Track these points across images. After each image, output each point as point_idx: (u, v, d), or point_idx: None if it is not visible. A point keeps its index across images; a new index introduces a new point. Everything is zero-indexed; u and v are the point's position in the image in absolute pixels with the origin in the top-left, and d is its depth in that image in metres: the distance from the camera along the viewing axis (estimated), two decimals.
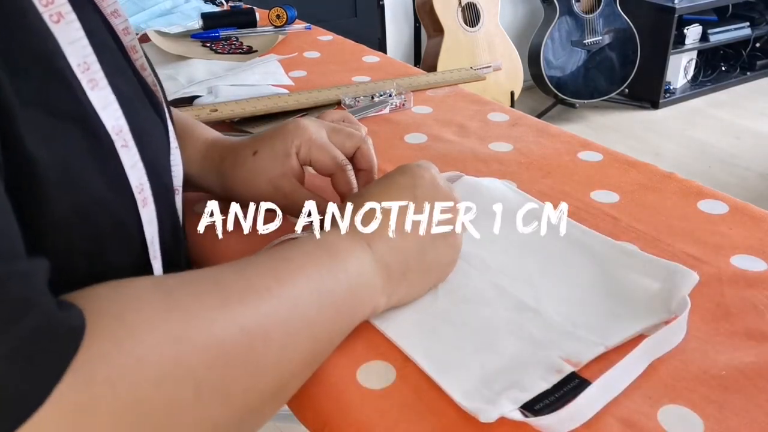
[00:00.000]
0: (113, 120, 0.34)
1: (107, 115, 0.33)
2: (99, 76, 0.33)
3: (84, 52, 0.32)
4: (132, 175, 0.35)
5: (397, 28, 2.85)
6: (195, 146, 0.57)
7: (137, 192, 0.36)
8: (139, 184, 0.36)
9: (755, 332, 0.42)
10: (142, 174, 0.36)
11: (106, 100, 0.34)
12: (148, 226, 0.37)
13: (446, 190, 0.46)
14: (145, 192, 0.36)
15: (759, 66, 3.20)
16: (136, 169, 0.35)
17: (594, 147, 0.67)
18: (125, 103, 0.36)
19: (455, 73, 0.89)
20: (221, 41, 1.06)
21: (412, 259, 0.43)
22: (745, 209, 0.55)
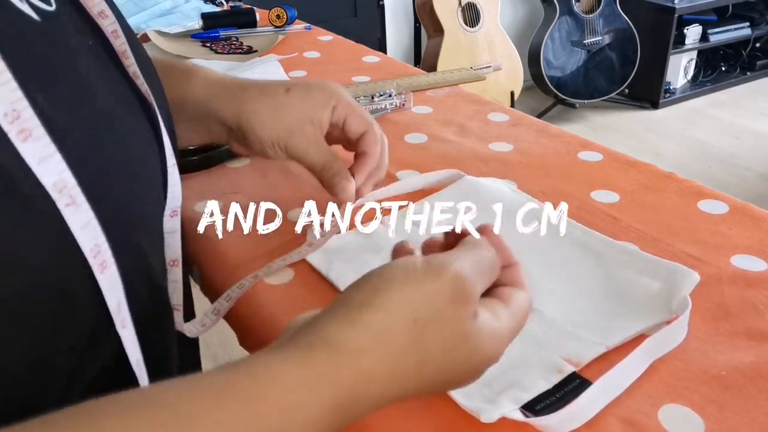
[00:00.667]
0: (54, 174, 0.27)
1: (45, 170, 0.27)
2: (32, 123, 0.27)
3: (12, 97, 0.26)
4: (83, 237, 0.29)
5: (397, 28, 2.85)
6: (206, 76, 0.55)
7: (91, 256, 0.29)
8: (94, 246, 0.29)
9: (755, 332, 0.42)
10: (98, 233, 0.29)
11: (43, 151, 0.27)
12: (110, 292, 0.30)
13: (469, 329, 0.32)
14: (104, 254, 0.30)
15: (759, 66, 3.20)
16: (89, 229, 0.29)
17: (594, 147, 0.67)
18: (86, 140, 0.30)
19: (455, 73, 0.89)
20: (221, 41, 1.06)
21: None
22: (745, 209, 0.55)
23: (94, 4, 0.36)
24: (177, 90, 0.53)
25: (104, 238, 0.30)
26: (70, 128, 0.30)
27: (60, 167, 0.28)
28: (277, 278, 0.49)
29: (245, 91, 0.52)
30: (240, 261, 0.51)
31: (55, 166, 0.28)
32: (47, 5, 0.32)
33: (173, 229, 0.43)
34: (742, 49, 3.18)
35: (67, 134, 0.29)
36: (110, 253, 0.30)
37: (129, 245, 0.33)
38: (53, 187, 0.28)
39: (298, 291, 0.48)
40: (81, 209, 0.29)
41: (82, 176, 0.29)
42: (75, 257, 0.29)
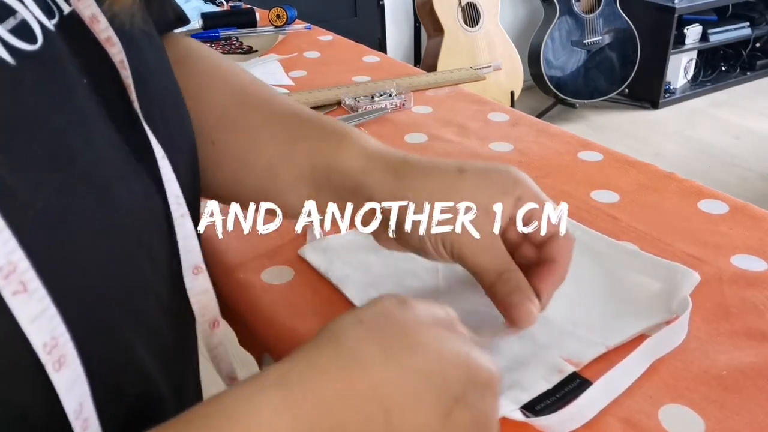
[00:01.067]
0: (0, 256, 0.23)
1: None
2: None
3: None
4: (34, 332, 0.24)
5: (397, 28, 2.85)
6: (362, 139, 0.44)
7: (45, 353, 0.24)
8: (50, 339, 0.24)
9: (756, 332, 0.42)
10: (56, 324, 0.25)
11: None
12: (69, 393, 0.25)
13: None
14: (62, 347, 0.25)
15: (759, 66, 3.20)
16: (44, 320, 0.24)
17: (594, 147, 0.67)
18: (54, 211, 0.26)
19: (455, 73, 0.89)
20: (221, 41, 1.06)
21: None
22: (745, 209, 0.55)
23: (102, 29, 0.31)
24: (321, 154, 0.43)
25: (64, 329, 0.25)
26: (32, 198, 0.25)
27: (8, 247, 0.23)
28: (277, 278, 0.49)
29: (408, 165, 0.42)
30: (240, 261, 0.51)
31: (1, 246, 0.23)
32: (30, 44, 0.27)
33: (202, 288, 0.37)
34: (742, 49, 3.18)
35: (27, 205, 0.25)
36: (71, 345, 0.25)
37: (106, 327, 0.28)
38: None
39: (298, 291, 0.48)
40: (33, 297, 0.24)
41: (41, 256, 0.24)
42: (24, 357, 0.24)
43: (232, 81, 0.48)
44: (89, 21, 0.30)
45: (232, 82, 0.48)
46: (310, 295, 0.47)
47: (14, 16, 0.27)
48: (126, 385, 0.30)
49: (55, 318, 0.25)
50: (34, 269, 0.24)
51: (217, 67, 0.49)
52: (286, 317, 0.45)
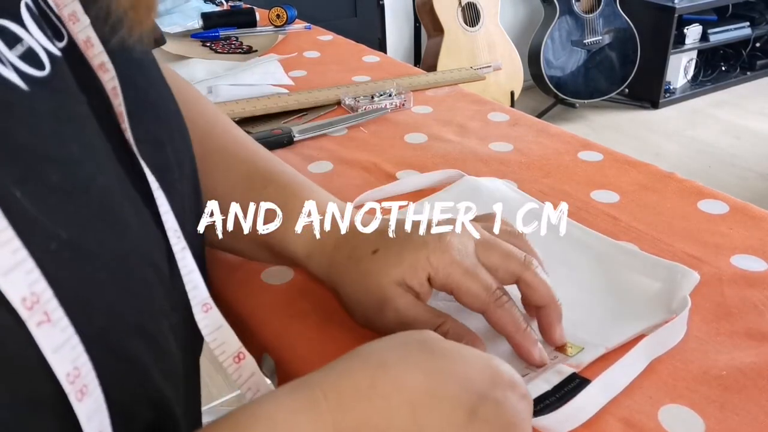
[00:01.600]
0: (25, 288, 0.23)
1: (13, 282, 0.23)
2: (1, 225, 0.23)
3: None
4: (58, 362, 0.24)
5: (397, 28, 2.85)
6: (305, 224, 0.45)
7: (68, 383, 0.24)
8: (73, 369, 0.24)
9: (756, 332, 0.42)
10: (80, 352, 0.25)
11: (12, 258, 0.23)
12: (90, 423, 0.25)
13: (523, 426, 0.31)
14: (84, 377, 0.25)
15: (759, 66, 3.21)
16: (66, 349, 0.24)
17: (594, 147, 0.67)
18: (75, 241, 0.26)
19: (455, 72, 0.89)
20: (221, 41, 1.06)
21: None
22: (745, 209, 0.55)
23: (95, 54, 0.30)
24: (274, 233, 0.46)
25: (86, 358, 0.25)
26: (55, 229, 0.25)
27: (32, 277, 0.23)
28: (277, 278, 0.49)
29: (338, 251, 0.43)
30: (240, 261, 0.51)
31: (24, 276, 0.23)
32: (39, 70, 0.27)
33: (216, 325, 0.36)
34: (742, 48, 3.18)
35: (50, 238, 0.25)
36: (93, 374, 0.26)
37: (125, 355, 0.29)
38: (21, 304, 0.23)
39: (298, 291, 0.48)
40: (56, 327, 0.24)
41: (63, 285, 0.24)
42: (48, 387, 0.24)
43: (199, 121, 0.49)
44: (83, 45, 0.30)
45: (199, 122, 0.49)
46: (310, 295, 0.47)
47: (21, 43, 0.27)
48: (142, 410, 0.30)
49: (78, 347, 0.25)
50: (57, 299, 0.24)
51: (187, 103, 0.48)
52: (286, 317, 0.45)
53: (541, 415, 0.35)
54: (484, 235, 0.42)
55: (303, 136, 0.70)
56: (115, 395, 0.27)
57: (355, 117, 0.74)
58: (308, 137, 0.70)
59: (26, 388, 0.23)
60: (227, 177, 0.47)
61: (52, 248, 0.24)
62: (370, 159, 0.66)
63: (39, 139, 0.25)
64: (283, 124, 0.75)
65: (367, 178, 0.62)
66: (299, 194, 0.46)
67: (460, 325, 0.40)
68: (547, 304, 0.40)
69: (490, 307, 0.39)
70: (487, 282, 0.39)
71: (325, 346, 0.43)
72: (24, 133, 0.25)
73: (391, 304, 0.40)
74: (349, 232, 0.44)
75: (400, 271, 0.40)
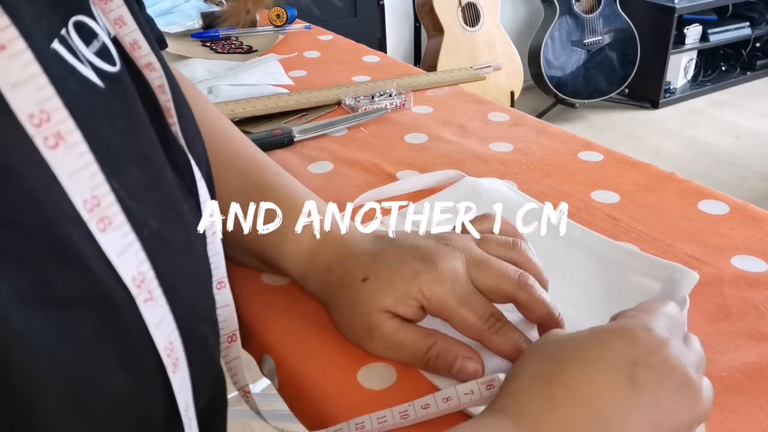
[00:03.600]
0: (134, 267, 0.25)
1: (125, 262, 0.25)
2: (113, 210, 0.24)
3: (92, 182, 0.23)
4: (159, 336, 0.26)
5: (397, 28, 2.85)
6: (299, 242, 0.45)
7: (165, 355, 0.27)
8: (168, 344, 0.27)
9: (756, 333, 0.42)
10: (172, 329, 0.27)
11: (124, 240, 0.25)
12: (180, 393, 0.28)
13: (684, 371, 0.32)
14: (177, 351, 0.27)
15: (759, 66, 3.20)
16: (163, 325, 0.27)
17: (594, 147, 0.67)
18: (159, 228, 0.27)
19: (455, 73, 0.89)
20: (221, 41, 1.06)
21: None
22: (746, 209, 0.55)
23: (142, 55, 0.31)
24: (266, 247, 0.46)
25: (177, 334, 0.27)
26: (145, 217, 0.27)
27: (139, 257, 0.25)
28: (277, 278, 0.49)
29: (330, 273, 0.43)
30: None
31: (134, 256, 0.25)
32: (111, 66, 0.28)
33: (224, 302, 0.39)
34: (742, 48, 3.18)
35: (143, 224, 0.26)
36: (182, 350, 0.28)
37: (198, 338, 0.30)
38: (132, 282, 0.25)
39: (298, 291, 0.48)
40: (157, 304, 0.26)
41: (157, 268, 0.26)
42: (151, 359, 0.26)
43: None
44: (130, 47, 0.31)
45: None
46: (310, 296, 0.47)
47: (97, 39, 0.28)
48: (207, 387, 0.32)
49: (171, 324, 0.27)
50: (157, 279, 0.26)
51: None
52: (286, 317, 0.45)
53: None
54: (477, 255, 0.41)
55: (303, 137, 0.70)
56: (192, 371, 0.29)
57: (356, 117, 0.74)
58: (308, 137, 0.70)
59: (135, 359, 0.26)
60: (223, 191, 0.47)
61: (145, 235, 0.26)
62: (371, 159, 0.65)
63: (118, 136, 0.27)
64: (283, 124, 0.75)
65: (368, 179, 0.62)
66: (292, 209, 0.46)
67: (452, 342, 0.39)
68: (545, 322, 0.40)
69: (485, 335, 0.39)
70: (481, 310, 0.39)
71: (325, 346, 0.43)
72: (105, 129, 0.26)
73: (379, 331, 0.40)
74: (343, 253, 0.44)
75: (391, 301, 0.39)
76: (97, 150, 0.24)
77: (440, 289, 0.39)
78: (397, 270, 0.40)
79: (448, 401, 0.36)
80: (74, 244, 0.23)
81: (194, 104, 0.49)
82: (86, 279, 0.23)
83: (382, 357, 0.41)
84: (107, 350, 0.24)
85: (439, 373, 0.39)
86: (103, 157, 0.24)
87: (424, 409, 0.36)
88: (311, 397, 0.40)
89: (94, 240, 0.24)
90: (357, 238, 0.44)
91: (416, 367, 0.40)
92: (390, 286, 0.40)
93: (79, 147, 0.23)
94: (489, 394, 0.36)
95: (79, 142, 0.23)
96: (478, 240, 0.43)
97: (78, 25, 0.27)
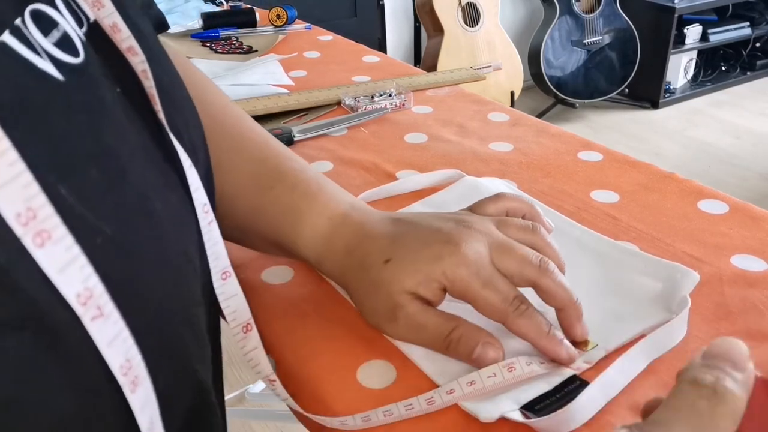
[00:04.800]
0: (79, 283, 0.23)
1: (68, 278, 0.23)
2: (52, 223, 0.22)
3: (26, 193, 0.21)
4: (112, 354, 0.24)
5: (397, 28, 2.85)
6: (315, 227, 0.45)
7: (121, 374, 0.25)
8: (125, 362, 0.25)
9: (756, 332, 0.42)
10: (129, 345, 0.25)
11: (66, 254, 0.23)
12: (142, 412, 0.26)
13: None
14: (136, 368, 0.25)
15: (759, 66, 3.20)
16: (118, 342, 0.24)
17: (594, 147, 0.67)
18: (119, 233, 0.26)
19: (455, 73, 0.89)
20: (221, 41, 1.06)
21: None
22: (746, 209, 0.55)
23: (123, 38, 0.30)
24: (282, 233, 0.46)
25: (137, 349, 0.25)
26: (99, 223, 0.25)
27: (85, 273, 0.23)
28: (277, 278, 0.49)
29: (349, 257, 0.43)
30: (240, 261, 0.51)
31: (77, 272, 0.23)
32: (73, 57, 0.26)
33: (232, 292, 0.38)
34: (742, 48, 3.18)
35: (96, 232, 0.24)
36: (143, 365, 0.26)
37: (172, 347, 0.29)
38: (76, 300, 0.23)
39: (297, 291, 0.48)
40: (109, 321, 0.24)
41: (111, 280, 0.24)
42: (104, 379, 0.24)
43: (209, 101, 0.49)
44: (110, 30, 0.29)
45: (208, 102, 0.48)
46: (310, 295, 0.47)
47: (57, 29, 0.26)
48: (185, 398, 0.30)
49: (128, 340, 0.25)
50: (108, 293, 0.24)
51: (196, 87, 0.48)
52: (286, 317, 0.45)
53: (541, 416, 0.35)
54: (499, 239, 0.41)
55: (303, 136, 0.70)
56: (161, 382, 0.27)
57: (355, 117, 0.74)
58: (308, 137, 0.70)
59: (85, 380, 0.24)
60: (235, 177, 0.47)
61: (98, 243, 0.24)
62: (370, 159, 0.66)
63: (76, 133, 0.25)
64: (283, 124, 0.75)
65: (367, 178, 0.62)
66: (308, 195, 0.46)
67: (473, 327, 0.40)
68: (565, 307, 0.40)
69: (509, 317, 0.39)
70: (505, 292, 0.39)
71: (325, 346, 0.43)
72: (62, 127, 0.24)
73: (401, 312, 0.40)
74: (361, 236, 0.44)
75: (413, 282, 0.40)
76: (46, 152, 0.22)
77: (464, 271, 0.39)
78: (420, 252, 0.40)
79: (473, 385, 0.37)
80: (6, 270, 0.21)
81: (200, 90, 0.48)
82: (15, 301, 0.21)
83: (403, 339, 0.41)
84: (47, 373, 0.23)
85: (459, 357, 0.39)
86: (52, 159, 0.23)
87: (449, 394, 0.37)
88: (311, 396, 0.40)
89: (29, 258, 0.21)
90: (375, 221, 0.44)
91: (437, 350, 0.40)
92: (413, 267, 0.40)
93: (7, 156, 0.21)
94: (511, 377, 0.36)
95: (7, 149, 0.21)
96: (497, 223, 0.43)
97: (35, 14, 0.25)
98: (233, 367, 1.53)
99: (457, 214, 0.44)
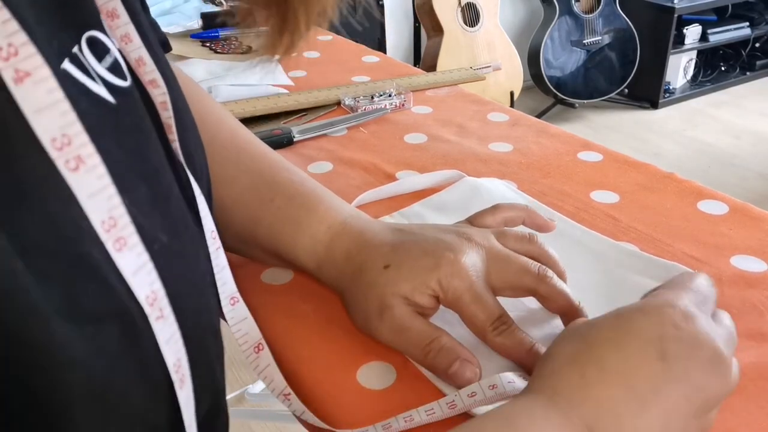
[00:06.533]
0: (147, 286, 0.25)
1: (140, 281, 0.25)
2: (128, 231, 0.24)
3: (110, 204, 0.24)
4: (168, 353, 0.26)
5: (397, 28, 2.84)
6: (315, 235, 0.46)
7: (174, 371, 0.27)
8: (176, 360, 0.27)
9: (755, 333, 0.42)
10: (180, 346, 0.27)
11: (138, 259, 0.25)
12: (186, 409, 0.28)
13: (713, 345, 0.31)
14: (183, 368, 0.28)
15: (759, 66, 3.20)
16: (172, 342, 0.27)
17: (594, 147, 0.67)
18: (169, 244, 0.28)
19: (455, 73, 0.89)
20: (221, 41, 1.06)
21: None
22: (745, 209, 0.55)
23: (147, 71, 0.31)
24: (281, 242, 0.47)
25: (184, 351, 0.28)
26: (155, 233, 0.27)
27: (151, 276, 0.26)
28: (277, 278, 0.49)
29: (348, 262, 0.44)
30: (240, 261, 0.51)
31: (147, 276, 0.25)
32: (123, 81, 0.28)
33: (241, 317, 0.39)
34: (742, 49, 3.18)
35: (153, 240, 0.26)
36: (188, 366, 0.28)
37: (202, 351, 0.31)
38: (146, 301, 0.25)
39: (297, 291, 0.48)
40: (167, 322, 0.26)
41: (166, 285, 0.26)
42: (161, 374, 0.27)
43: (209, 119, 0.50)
44: (135, 64, 0.31)
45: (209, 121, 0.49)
46: (310, 296, 0.47)
47: (109, 54, 0.28)
48: (207, 398, 0.32)
49: (179, 341, 0.27)
50: (167, 297, 0.26)
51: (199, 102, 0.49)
52: (286, 317, 0.45)
53: None
54: (497, 251, 0.42)
55: (303, 137, 0.70)
56: (196, 383, 0.29)
57: (355, 117, 0.74)
58: (308, 137, 0.70)
59: (150, 373, 0.26)
60: (233, 189, 0.47)
61: (156, 249, 0.26)
62: (370, 159, 0.66)
63: (126, 153, 0.27)
64: (283, 125, 0.75)
65: (367, 179, 0.62)
66: (307, 206, 0.46)
67: (456, 343, 0.40)
68: (567, 312, 0.41)
69: (488, 335, 0.40)
70: (491, 310, 0.40)
71: (325, 346, 0.43)
72: (117, 149, 0.26)
73: (389, 312, 0.41)
74: (362, 243, 0.44)
75: (409, 288, 0.40)
76: (110, 169, 0.24)
77: (458, 283, 0.40)
78: (419, 260, 0.41)
79: (488, 391, 0.37)
80: (96, 262, 0.23)
81: (198, 104, 0.49)
82: (109, 295, 0.24)
83: (385, 342, 0.41)
84: (130, 364, 0.25)
85: (435, 369, 0.40)
86: (114, 175, 0.24)
87: (470, 397, 0.37)
88: (311, 396, 0.40)
89: (111, 259, 0.24)
90: (375, 229, 0.45)
91: (415, 358, 0.40)
92: (410, 274, 0.41)
93: (97, 169, 0.23)
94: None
95: (98, 164, 0.23)
96: (496, 235, 0.44)
97: (91, 40, 0.27)
98: (233, 368, 1.53)
99: (457, 227, 0.45)
